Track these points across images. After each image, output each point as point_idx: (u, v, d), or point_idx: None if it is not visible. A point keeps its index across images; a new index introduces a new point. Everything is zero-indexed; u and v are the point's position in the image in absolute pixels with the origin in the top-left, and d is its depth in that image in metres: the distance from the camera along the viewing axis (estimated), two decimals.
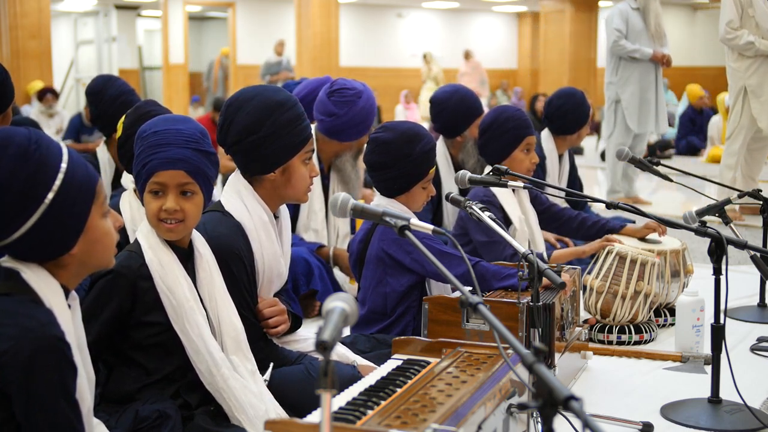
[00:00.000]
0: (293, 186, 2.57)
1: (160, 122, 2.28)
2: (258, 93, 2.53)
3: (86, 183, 1.73)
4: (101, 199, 1.76)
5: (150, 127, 2.27)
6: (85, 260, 1.76)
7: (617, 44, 6.61)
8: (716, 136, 10.83)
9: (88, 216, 1.73)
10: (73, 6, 19.94)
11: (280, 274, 2.64)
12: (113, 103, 3.83)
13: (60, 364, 1.63)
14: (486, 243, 3.52)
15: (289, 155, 2.53)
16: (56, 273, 1.73)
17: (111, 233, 1.79)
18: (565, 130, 4.67)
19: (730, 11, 5.71)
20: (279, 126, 2.49)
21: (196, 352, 2.21)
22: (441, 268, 1.85)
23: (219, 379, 2.21)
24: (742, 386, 2.68)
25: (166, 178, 2.21)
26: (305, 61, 14.29)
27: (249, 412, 2.21)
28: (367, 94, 3.95)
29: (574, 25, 17.04)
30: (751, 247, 2.75)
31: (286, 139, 2.51)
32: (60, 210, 1.68)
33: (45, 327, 1.62)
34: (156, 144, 2.22)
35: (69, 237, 1.71)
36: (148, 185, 2.23)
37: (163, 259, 2.22)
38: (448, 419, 1.70)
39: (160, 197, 2.22)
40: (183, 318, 2.19)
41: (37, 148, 1.69)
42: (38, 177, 1.67)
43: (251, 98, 2.52)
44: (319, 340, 1.33)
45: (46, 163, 1.68)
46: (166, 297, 2.20)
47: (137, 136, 2.29)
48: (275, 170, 2.53)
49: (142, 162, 2.24)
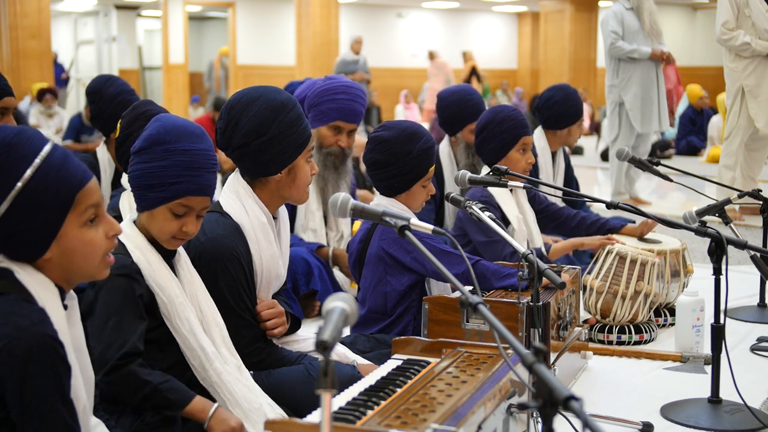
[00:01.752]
0: (297, 186, 2.58)
1: (184, 136, 2.21)
2: (260, 95, 2.52)
3: (63, 188, 1.67)
4: (83, 207, 1.69)
5: (174, 140, 2.19)
6: (65, 267, 1.72)
7: (614, 46, 6.60)
8: (716, 136, 10.83)
9: (62, 223, 1.68)
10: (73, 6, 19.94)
11: (279, 276, 2.64)
12: (111, 103, 3.83)
13: (54, 362, 1.62)
14: (485, 243, 3.52)
15: (295, 155, 2.54)
16: (47, 274, 1.71)
17: (95, 243, 1.72)
18: (553, 123, 4.61)
19: (726, 12, 5.70)
20: (285, 126, 2.50)
21: (188, 348, 2.22)
22: (441, 267, 1.85)
23: (212, 374, 2.23)
24: (742, 386, 2.68)
25: (195, 203, 2.22)
26: (305, 61, 14.29)
27: (244, 405, 2.23)
28: (354, 84, 3.96)
29: (574, 25, 17.04)
30: (751, 247, 2.75)
31: (291, 139, 2.52)
32: (29, 206, 1.65)
33: (37, 325, 1.61)
34: (188, 166, 2.18)
35: (40, 240, 1.68)
36: (172, 204, 2.20)
37: (150, 259, 2.23)
38: (448, 419, 1.70)
39: (180, 218, 2.22)
40: (174, 315, 2.21)
41: (15, 137, 1.66)
42: (8, 164, 1.64)
43: (254, 100, 2.50)
44: (319, 340, 1.33)
45: (20, 153, 1.65)
46: (157, 295, 2.21)
47: (154, 142, 2.20)
48: (281, 171, 2.54)
49: (170, 179, 2.18)
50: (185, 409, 2.14)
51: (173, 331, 2.22)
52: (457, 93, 4.61)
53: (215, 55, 18.93)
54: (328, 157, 3.89)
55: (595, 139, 13.55)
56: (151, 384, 2.12)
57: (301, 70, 14.06)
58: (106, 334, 2.12)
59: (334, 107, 3.83)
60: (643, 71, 6.62)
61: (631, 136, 6.74)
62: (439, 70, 15.66)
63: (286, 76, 14.77)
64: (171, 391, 2.14)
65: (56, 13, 19.20)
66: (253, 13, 19.36)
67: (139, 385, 2.12)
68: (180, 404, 2.13)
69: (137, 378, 2.12)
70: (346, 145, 3.91)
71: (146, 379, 2.12)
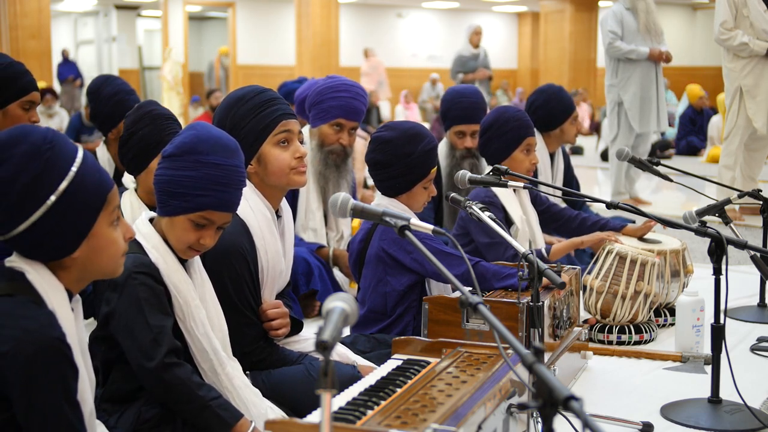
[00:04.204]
0: (273, 172, 2.54)
1: (219, 149, 2.18)
2: (227, 97, 2.61)
3: (97, 190, 1.72)
4: (112, 207, 1.75)
5: (207, 151, 2.16)
6: (88, 266, 1.75)
7: (612, 46, 6.60)
8: (716, 136, 10.83)
9: (95, 222, 1.72)
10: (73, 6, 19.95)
11: (282, 273, 2.64)
12: (109, 102, 3.84)
13: (61, 365, 1.63)
14: (488, 244, 3.52)
15: (257, 143, 2.53)
16: (60, 275, 1.73)
17: (118, 243, 1.78)
18: (543, 126, 4.59)
19: (725, 12, 5.70)
20: (239, 118, 2.53)
21: (200, 350, 2.20)
22: (441, 268, 1.85)
23: (224, 378, 2.22)
24: (742, 386, 2.68)
25: (217, 218, 2.20)
26: (305, 61, 14.30)
27: (252, 410, 2.22)
28: (356, 83, 3.96)
29: (574, 25, 17.05)
30: (751, 247, 2.75)
31: (246, 129, 2.52)
32: (64, 213, 1.68)
33: (46, 328, 1.62)
34: (217, 181, 2.16)
35: (71, 240, 1.71)
36: (194, 215, 2.17)
37: (167, 259, 2.21)
38: (448, 419, 1.70)
39: (199, 229, 2.20)
40: (189, 316, 2.20)
41: (50, 148, 1.68)
42: (44, 178, 1.66)
43: (224, 100, 2.61)
44: (319, 340, 1.33)
45: (55, 164, 1.68)
46: (174, 295, 2.19)
47: (186, 151, 2.16)
48: (251, 162, 2.54)
49: (198, 191, 2.15)
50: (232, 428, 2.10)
51: (186, 333, 2.19)
52: (458, 93, 4.58)
53: (215, 55, 18.94)
54: (330, 155, 3.89)
55: (595, 139, 13.56)
56: (205, 399, 2.09)
57: (301, 70, 14.05)
58: (141, 330, 2.09)
59: (336, 105, 3.83)
60: (642, 71, 6.62)
61: (630, 135, 6.74)
62: (373, 69, 15.43)
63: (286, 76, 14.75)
64: (222, 408, 2.11)
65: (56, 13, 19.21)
66: (253, 13, 19.36)
67: (192, 397, 2.09)
68: (229, 423, 2.10)
69: (190, 389, 2.09)
70: (347, 144, 3.91)
71: (199, 394, 2.09)
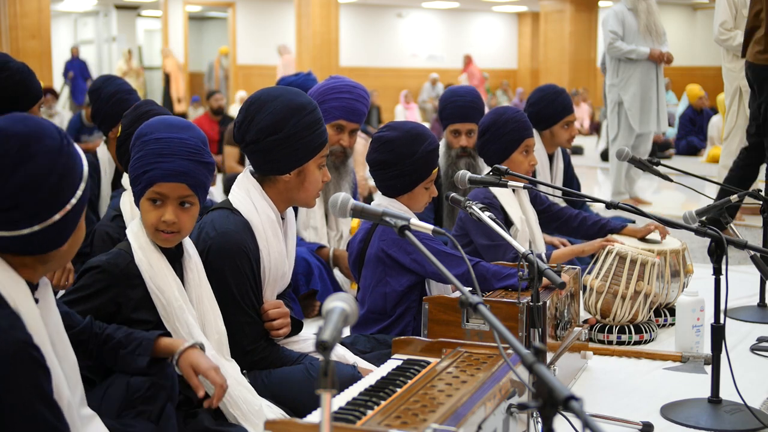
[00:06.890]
0: (306, 189, 2.58)
1: (162, 127, 2.24)
2: (281, 94, 2.54)
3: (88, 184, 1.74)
4: None
5: (151, 131, 2.24)
6: (63, 256, 1.74)
7: (613, 46, 6.60)
8: (716, 136, 10.82)
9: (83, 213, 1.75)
10: (73, 6, 19.96)
11: (284, 274, 2.64)
12: (108, 101, 3.84)
13: (30, 368, 1.57)
14: (487, 246, 3.51)
15: (307, 158, 2.55)
16: (20, 269, 1.68)
17: (84, 229, 1.78)
18: (539, 126, 4.59)
19: (724, 12, 5.69)
20: (300, 128, 2.51)
21: None
22: (441, 268, 1.85)
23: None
24: (742, 386, 2.68)
25: (167, 190, 2.21)
26: (305, 61, 14.29)
27: (243, 407, 2.23)
28: (358, 84, 3.96)
29: (574, 25, 17.05)
30: (751, 247, 2.75)
31: (305, 142, 2.52)
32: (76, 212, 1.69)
33: (8, 332, 1.56)
34: (159, 153, 2.20)
35: (67, 235, 1.71)
36: (147, 192, 2.22)
37: (152, 260, 2.23)
38: (448, 419, 1.70)
39: (158, 207, 2.22)
40: (173, 317, 2.22)
41: (68, 143, 1.69)
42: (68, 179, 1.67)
43: (274, 99, 2.52)
44: (319, 340, 1.33)
45: (75, 163, 1.69)
46: (155, 296, 2.22)
47: (136, 137, 2.27)
48: (291, 172, 2.54)
49: (143, 168, 2.21)
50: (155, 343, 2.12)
51: (171, 333, 2.22)
52: (457, 92, 4.58)
53: (215, 55, 18.94)
54: (330, 156, 3.89)
55: (595, 139, 13.56)
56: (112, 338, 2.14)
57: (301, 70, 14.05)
58: None
59: (337, 105, 3.83)
60: (642, 71, 6.62)
61: (630, 135, 6.74)
62: (286, 68, 15.30)
63: None
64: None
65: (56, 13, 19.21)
66: (253, 13, 19.36)
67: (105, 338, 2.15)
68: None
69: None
70: (347, 145, 3.91)
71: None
